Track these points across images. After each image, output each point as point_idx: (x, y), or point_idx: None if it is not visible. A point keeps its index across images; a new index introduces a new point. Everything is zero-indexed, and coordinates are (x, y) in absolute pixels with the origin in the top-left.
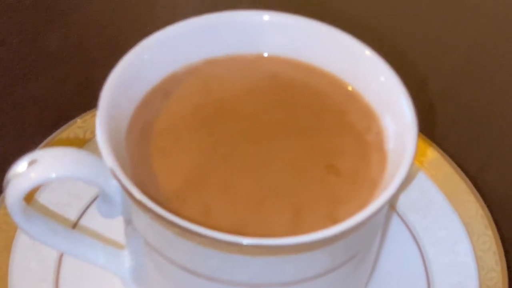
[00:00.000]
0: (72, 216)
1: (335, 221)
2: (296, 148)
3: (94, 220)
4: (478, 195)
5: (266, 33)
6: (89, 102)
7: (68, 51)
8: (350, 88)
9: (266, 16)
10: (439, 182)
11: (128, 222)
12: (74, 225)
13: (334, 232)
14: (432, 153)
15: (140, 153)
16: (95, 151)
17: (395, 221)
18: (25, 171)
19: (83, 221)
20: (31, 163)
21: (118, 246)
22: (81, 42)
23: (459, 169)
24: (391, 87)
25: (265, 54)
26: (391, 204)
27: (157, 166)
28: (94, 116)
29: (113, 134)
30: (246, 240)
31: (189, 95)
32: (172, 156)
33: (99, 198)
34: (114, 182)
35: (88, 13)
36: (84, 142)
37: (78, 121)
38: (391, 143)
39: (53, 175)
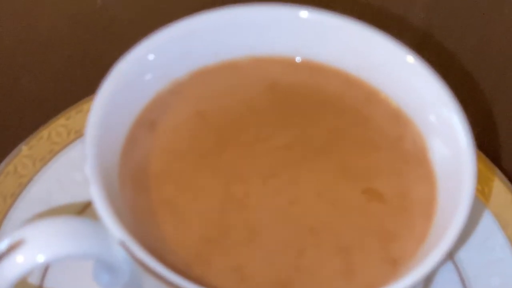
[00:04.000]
0: (34, 280)
1: (394, 263)
2: (322, 173)
3: (58, 281)
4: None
5: (262, 31)
6: (16, 115)
7: None
8: (376, 93)
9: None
10: None
11: None
12: None
13: (406, 285)
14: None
15: (140, 208)
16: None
17: None
18: (9, 255)
19: (48, 284)
20: (15, 245)
21: None
22: None
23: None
24: (437, 98)
25: (263, 57)
26: None
27: (166, 223)
28: (41, 139)
29: (107, 189)
30: None
31: (180, 123)
32: (179, 207)
33: (97, 267)
34: (120, 251)
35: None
36: (35, 172)
37: (24, 148)
38: (435, 156)
39: (42, 259)
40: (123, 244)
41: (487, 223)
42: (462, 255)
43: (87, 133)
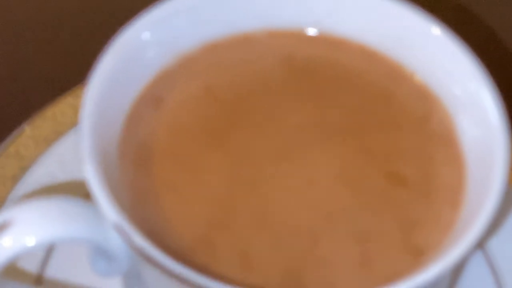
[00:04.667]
0: (33, 267)
1: (417, 252)
2: (341, 155)
3: (61, 269)
4: None
5: (279, 2)
6: (25, 95)
7: None
8: (401, 69)
9: None
10: None
11: (139, 280)
12: (38, 280)
13: (428, 278)
14: None
15: (141, 189)
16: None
17: None
18: None
19: (49, 273)
20: (2, 227)
21: None
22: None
23: None
24: (467, 74)
25: (281, 30)
26: None
27: (168, 206)
28: (45, 119)
29: (104, 169)
30: None
31: (188, 99)
32: (184, 189)
33: (94, 255)
34: (116, 236)
35: None
36: (38, 154)
37: (26, 128)
38: (464, 137)
39: (32, 242)
40: (118, 228)
41: None
42: (494, 245)
43: (84, 109)
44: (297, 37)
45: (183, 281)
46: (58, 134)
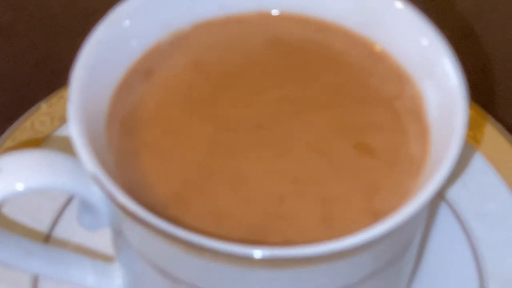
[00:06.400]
0: (43, 226)
1: (375, 214)
2: (316, 127)
3: (71, 229)
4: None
5: None
6: (51, 80)
7: (24, 23)
8: (377, 48)
9: None
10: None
11: (119, 233)
12: (47, 239)
13: (380, 232)
14: (490, 129)
15: (125, 149)
16: (66, 142)
17: None
18: None
19: (58, 232)
20: None
21: (104, 258)
22: (37, 10)
23: None
24: (430, 45)
25: (271, 12)
26: None
27: (148, 165)
28: (61, 98)
29: (90, 128)
30: (268, 252)
31: (177, 72)
32: (165, 150)
33: (80, 208)
34: (97, 189)
35: None
36: (53, 130)
37: (43, 106)
38: (432, 111)
39: (21, 187)
40: (95, 178)
41: (479, 164)
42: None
43: (74, 75)
44: (285, 19)
45: (156, 231)
46: None
